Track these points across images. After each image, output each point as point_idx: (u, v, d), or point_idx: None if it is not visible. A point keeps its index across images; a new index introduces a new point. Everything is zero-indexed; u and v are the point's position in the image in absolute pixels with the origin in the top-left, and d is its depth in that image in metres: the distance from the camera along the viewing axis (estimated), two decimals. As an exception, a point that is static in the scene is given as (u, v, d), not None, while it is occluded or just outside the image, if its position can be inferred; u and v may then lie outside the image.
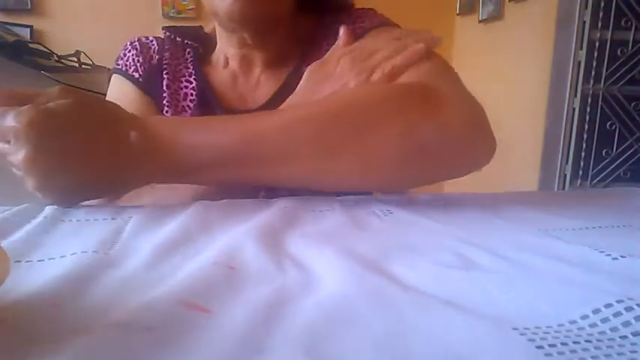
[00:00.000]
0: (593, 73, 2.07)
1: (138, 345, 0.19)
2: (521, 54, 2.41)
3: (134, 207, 0.42)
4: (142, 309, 0.21)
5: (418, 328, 0.21)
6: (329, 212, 0.42)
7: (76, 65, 2.03)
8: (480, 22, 2.77)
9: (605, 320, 0.21)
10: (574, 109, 2.13)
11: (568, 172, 2.18)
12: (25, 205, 0.40)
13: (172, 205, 0.43)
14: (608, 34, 2.04)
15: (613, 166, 2.14)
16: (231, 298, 0.23)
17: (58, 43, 2.44)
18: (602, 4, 2.03)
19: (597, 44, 2.05)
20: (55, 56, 1.91)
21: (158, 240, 0.32)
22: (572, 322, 0.21)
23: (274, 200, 0.46)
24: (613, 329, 0.20)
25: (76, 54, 2.05)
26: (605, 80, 2.07)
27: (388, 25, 0.61)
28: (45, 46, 1.93)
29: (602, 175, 2.15)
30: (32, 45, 1.85)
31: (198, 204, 0.42)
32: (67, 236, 0.34)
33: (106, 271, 0.27)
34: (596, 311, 0.21)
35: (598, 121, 2.10)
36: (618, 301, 0.21)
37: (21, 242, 0.32)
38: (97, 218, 0.38)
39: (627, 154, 2.12)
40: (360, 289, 0.24)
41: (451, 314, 0.22)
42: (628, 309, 0.21)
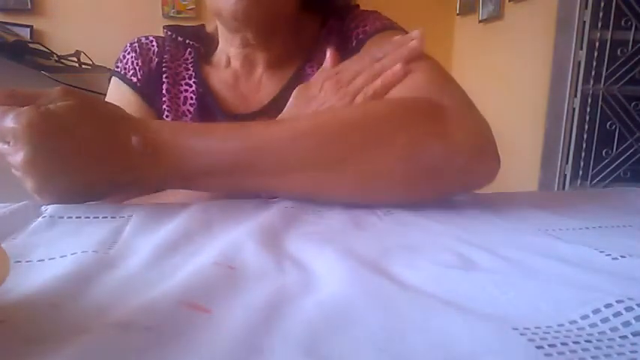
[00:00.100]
0: (593, 73, 2.07)
1: (138, 345, 0.19)
2: (521, 54, 2.41)
3: (134, 206, 0.42)
4: (141, 309, 0.21)
5: (418, 328, 0.21)
6: (329, 212, 0.42)
7: (76, 65, 2.03)
8: (480, 22, 2.77)
9: (605, 320, 0.21)
10: (574, 109, 2.13)
11: (568, 172, 2.18)
12: (24, 202, 0.40)
13: (172, 204, 0.43)
14: (608, 34, 2.04)
15: (613, 166, 2.14)
16: (231, 298, 0.23)
17: (58, 43, 2.44)
18: (602, 4, 2.03)
19: (597, 44, 2.05)
20: (55, 56, 1.91)
21: (158, 240, 0.32)
22: (572, 322, 0.21)
23: (274, 200, 0.46)
24: (613, 329, 0.20)
25: (76, 54, 2.05)
26: (605, 80, 2.07)
27: (391, 28, 0.60)
28: (45, 46, 1.93)
29: (602, 175, 2.15)
30: (32, 45, 1.85)
31: (198, 204, 0.42)
32: (67, 236, 0.34)
33: (106, 270, 0.27)
34: (596, 311, 0.21)
35: (598, 121, 2.10)
36: (618, 301, 0.21)
37: (21, 242, 0.32)
38: (97, 217, 0.38)
39: (627, 154, 2.12)
40: (360, 289, 0.24)
41: (451, 314, 0.22)
42: (628, 309, 0.21)
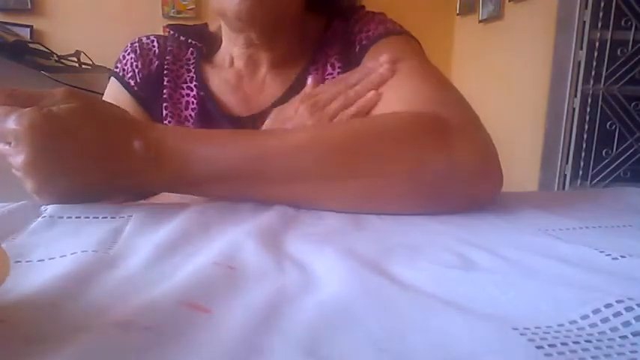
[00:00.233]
0: (593, 73, 2.07)
1: (138, 345, 0.19)
2: (521, 54, 2.41)
3: (134, 206, 0.42)
4: (141, 309, 0.21)
5: (418, 328, 0.21)
6: (328, 213, 0.42)
7: (76, 65, 2.03)
8: (480, 22, 2.77)
9: (605, 320, 0.21)
10: (574, 109, 2.13)
11: (568, 172, 2.18)
12: (23, 202, 0.40)
13: (172, 204, 0.43)
14: (608, 34, 2.04)
15: (613, 166, 2.14)
16: (231, 298, 0.23)
17: (58, 43, 2.44)
18: (602, 4, 2.03)
19: (597, 44, 2.05)
20: (55, 56, 1.91)
21: (158, 240, 0.32)
22: (572, 322, 0.21)
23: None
24: (613, 329, 0.20)
25: (76, 54, 2.05)
26: (605, 80, 2.07)
27: (394, 33, 0.60)
28: (45, 46, 1.93)
29: (602, 175, 2.15)
30: (32, 45, 1.85)
31: (198, 204, 0.42)
32: (67, 235, 0.34)
33: (106, 270, 0.27)
34: (596, 311, 0.21)
35: (598, 121, 2.10)
36: (618, 301, 0.21)
37: (21, 242, 0.32)
38: (97, 217, 0.38)
39: (627, 154, 2.12)
40: (360, 289, 0.24)
41: (451, 314, 0.22)
42: (628, 309, 0.21)
